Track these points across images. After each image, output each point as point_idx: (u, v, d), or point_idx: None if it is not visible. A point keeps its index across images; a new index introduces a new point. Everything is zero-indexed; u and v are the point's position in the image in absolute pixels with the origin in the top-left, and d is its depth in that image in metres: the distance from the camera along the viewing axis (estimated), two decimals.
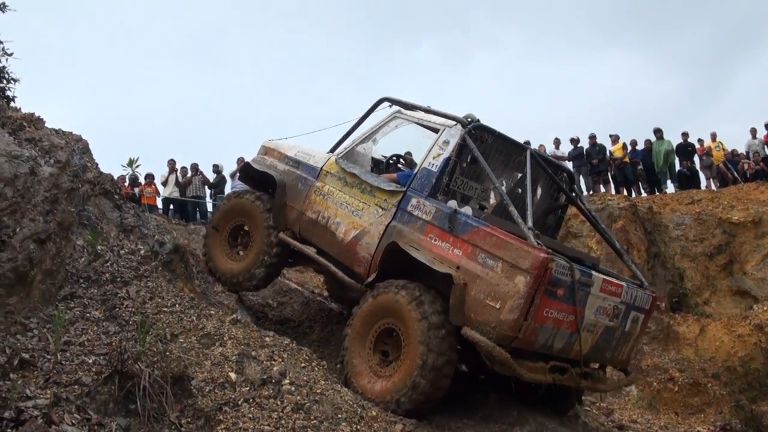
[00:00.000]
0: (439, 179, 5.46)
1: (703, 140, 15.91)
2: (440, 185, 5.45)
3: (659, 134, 15.30)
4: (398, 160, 6.88)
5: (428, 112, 5.96)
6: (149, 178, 14.90)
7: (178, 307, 5.06)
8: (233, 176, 14.52)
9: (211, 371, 4.33)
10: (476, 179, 5.89)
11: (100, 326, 4.45)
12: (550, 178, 6.07)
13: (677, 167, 15.28)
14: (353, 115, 6.45)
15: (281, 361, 4.77)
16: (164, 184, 15.25)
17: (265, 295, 7.88)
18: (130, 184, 14.21)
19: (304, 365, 4.88)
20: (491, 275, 4.76)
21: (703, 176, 15.55)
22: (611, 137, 15.78)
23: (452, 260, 5.00)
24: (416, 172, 5.66)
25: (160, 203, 15.28)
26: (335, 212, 5.97)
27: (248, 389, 4.25)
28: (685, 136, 15.46)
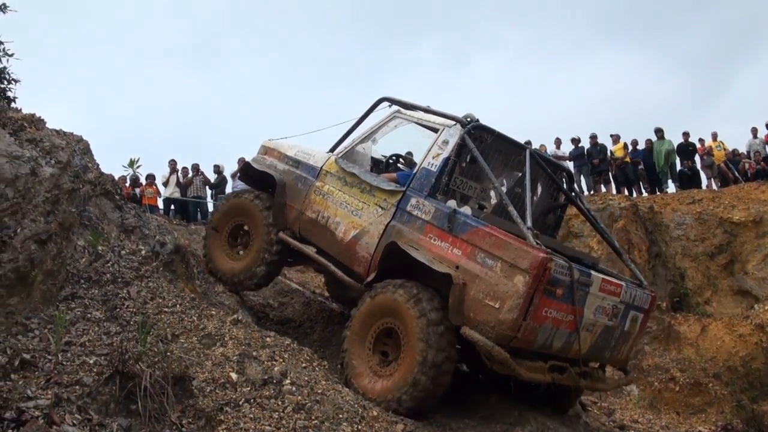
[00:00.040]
0: (438, 179, 5.47)
1: (704, 140, 15.90)
2: (439, 185, 5.46)
3: (660, 134, 15.29)
4: (398, 159, 6.89)
5: (427, 111, 5.97)
6: (150, 178, 14.91)
7: (179, 307, 5.06)
8: (234, 176, 14.52)
9: (212, 371, 4.33)
10: (475, 179, 5.89)
11: (101, 326, 4.45)
12: (549, 177, 6.07)
13: (678, 167, 15.27)
14: (353, 115, 6.45)
15: (282, 361, 4.78)
16: (165, 184, 15.27)
17: (266, 295, 7.89)
18: (131, 184, 14.23)
19: (305, 365, 4.88)
20: (490, 275, 4.77)
21: (704, 176, 15.56)
22: (612, 137, 15.79)
23: (451, 260, 5.00)
24: (415, 171, 5.66)
25: (161, 204, 15.29)
26: (335, 212, 5.98)
27: (249, 389, 4.26)
28: (686, 135, 15.45)
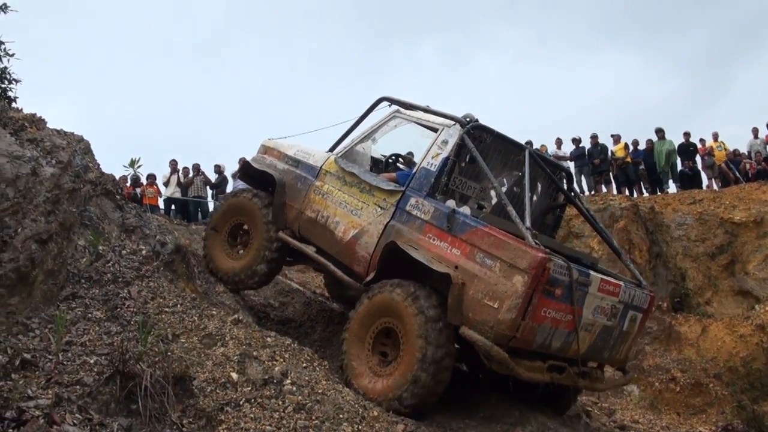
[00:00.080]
0: (437, 179, 5.48)
1: (704, 140, 15.89)
2: (439, 185, 5.46)
3: (661, 134, 15.28)
4: (397, 159, 6.89)
5: (427, 111, 5.97)
6: (151, 178, 14.92)
7: (179, 307, 5.06)
8: (235, 176, 14.52)
9: (212, 371, 4.33)
10: (475, 179, 5.89)
11: (101, 326, 4.45)
12: (548, 177, 6.08)
13: (679, 167, 15.26)
14: (353, 115, 6.45)
15: (283, 361, 4.78)
16: (166, 184, 15.29)
17: (266, 295, 7.89)
18: (131, 184, 14.26)
19: (305, 365, 4.88)
20: (489, 275, 4.77)
21: (704, 176, 15.55)
22: (613, 137, 15.78)
23: (450, 260, 5.01)
24: (415, 171, 5.67)
25: (161, 203, 15.31)
26: (334, 211, 5.98)
27: (250, 389, 4.26)
28: (686, 135, 15.44)
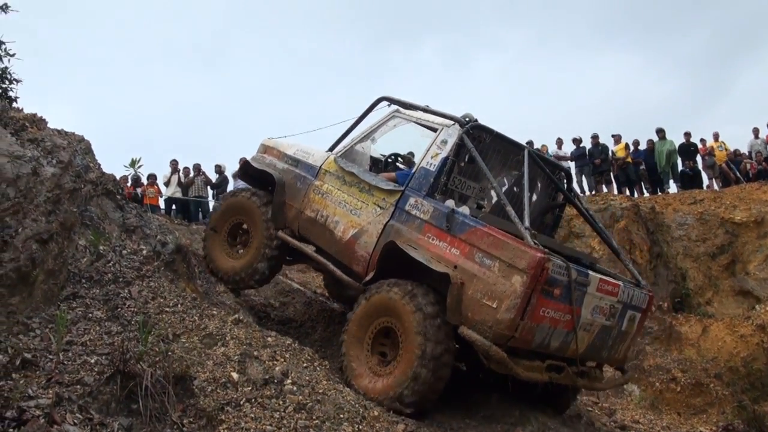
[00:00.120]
0: (437, 178, 5.48)
1: (705, 140, 15.87)
2: (438, 184, 5.47)
3: (662, 134, 15.27)
4: (396, 159, 6.90)
5: (426, 111, 5.97)
6: (151, 178, 14.93)
7: (180, 307, 5.07)
8: (235, 177, 14.52)
9: (213, 371, 4.34)
10: (474, 179, 5.90)
11: (102, 326, 4.46)
12: (547, 177, 6.08)
13: (680, 167, 15.25)
14: (353, 115, 6.44)
15: (283, 361, 4.78)
16: (167, 184, 15.29)
17: (267, 295, 7.90)
18: (132, 184, 14.27)
19: (306, 365, 4.88)
20: (488, 275, 4.78)
21: (705, 176, 15.53)
22: (614, 137, 15.78)
23: (450, 259, 5.01)
24: (414, 171, 5.68)
25: (162, 203, 15.32)
26: (334, 211, 5.99)
27: (250, 389, 4.26)
28: (687, 136, 15.43)
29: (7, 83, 7.87)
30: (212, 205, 15.39)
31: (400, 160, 6.91)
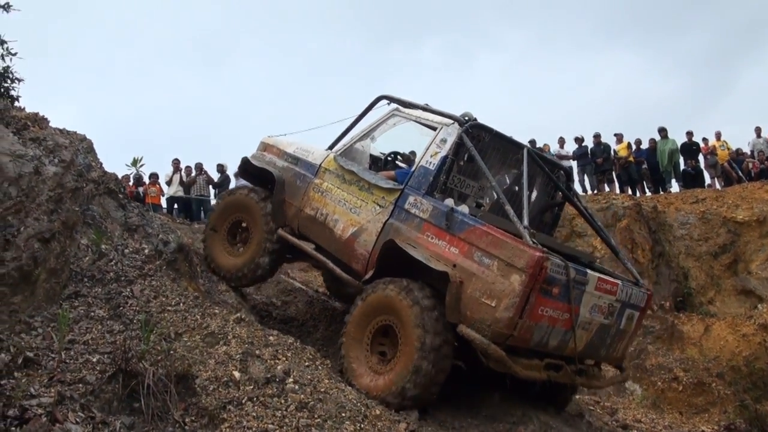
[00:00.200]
0: (436, 177, 5.48)
1: (707, 139, 15.85)
2: (437, 183, 5.47)
3: (664, 133, 15.24)
4: (396, 157, 6.89)
5: (426, 110, 5.97)
6: (153, 177, 14.94)
7: (182, 305, 5.07)
8: (237, 176, 14.53)
9: (215, 370, 4.34)
10: (473, 177, 5.90)
11: (104, 325, 4.46)
12: (547, 176, 6.08)
13: (682, 166, 15.23)
14: (354, 114, 6.43)
15: (285, 359, 4.78)
16: (168, 183, 15.29)
17: (269, 294, 7.90)
18: (134, 183, 14.27)
19: (308, 364, 4.88)
20: (487, 273, 4.79)
21: (707, 175, 15.50)
22: (616, 136, 15.75)
23: (449, 258, 5.02)
24: (414, 170, 5.68)
25: (164, 202, 15.33)
26: (333, 209, 5.99)
27: (252, 388, 4.26)
28: (689, 135, 15.40)
29: (9, 82, 7.89)
30: (214, 204, 15.43)
31: (399, 158, 6.91)
